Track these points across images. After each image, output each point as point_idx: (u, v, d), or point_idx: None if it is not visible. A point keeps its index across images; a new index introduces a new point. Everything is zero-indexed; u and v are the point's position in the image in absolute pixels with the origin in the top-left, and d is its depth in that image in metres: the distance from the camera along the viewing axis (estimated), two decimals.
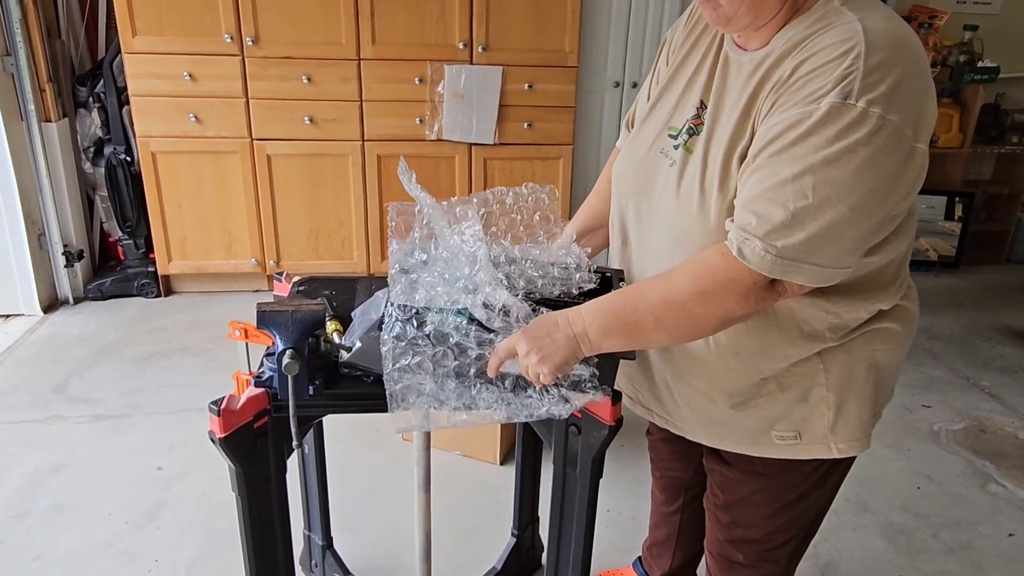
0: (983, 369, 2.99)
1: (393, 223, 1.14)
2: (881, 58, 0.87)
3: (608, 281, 1.13)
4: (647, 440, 1.58)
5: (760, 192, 0.90)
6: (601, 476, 1.20)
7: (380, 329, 1.04)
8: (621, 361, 1.09)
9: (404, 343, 1.01)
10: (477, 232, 1.09)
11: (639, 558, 1.77)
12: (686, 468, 1.49)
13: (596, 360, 1.05)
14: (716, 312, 0.95)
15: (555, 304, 1.07)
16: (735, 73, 1.02)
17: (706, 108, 1.04)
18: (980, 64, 3.70)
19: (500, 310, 1.02)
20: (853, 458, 1.18)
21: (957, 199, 3.93)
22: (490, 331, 1.03)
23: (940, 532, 2.06)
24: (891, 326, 1.09)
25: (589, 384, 1.06)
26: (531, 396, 1.04)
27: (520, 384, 1.04)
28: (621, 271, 1.17)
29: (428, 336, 1.01)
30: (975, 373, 2.95)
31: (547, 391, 1.04)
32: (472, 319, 1.03)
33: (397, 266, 1.12)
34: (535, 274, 1.10)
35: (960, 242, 3.96)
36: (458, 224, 1.12)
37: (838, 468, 1.19)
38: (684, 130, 1.06)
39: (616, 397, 1.11)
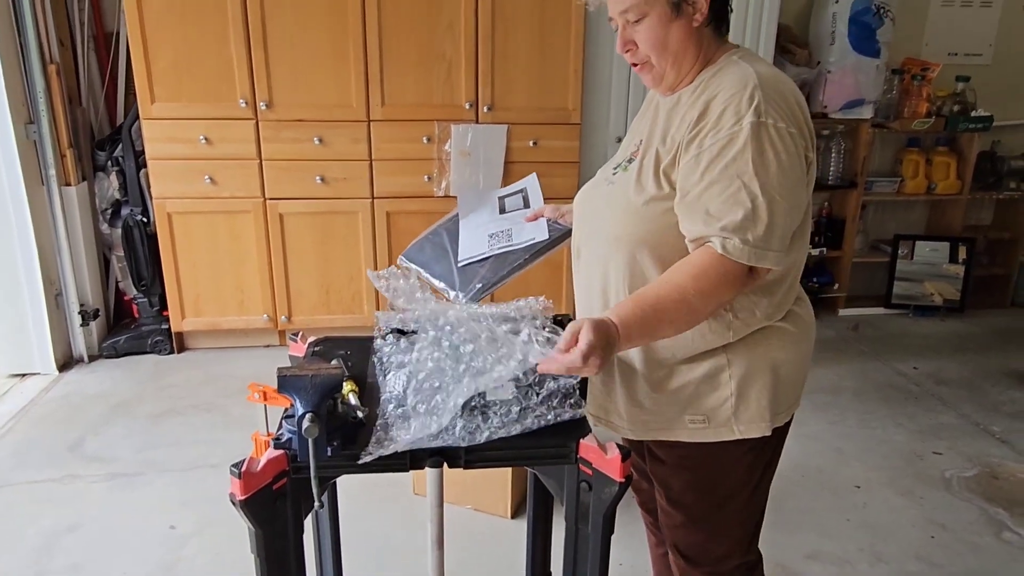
0: (992, 414, 2.99)
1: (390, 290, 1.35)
2: (772, 89, 1.15)
3: (561, 323, 1.30)
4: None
5: (724, 200, 1.12)
6: (613, 532, 1.22)
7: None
8: None
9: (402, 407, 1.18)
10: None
11: None
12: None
13: None
14: (713, 303, 1.16)
15: None
16: (663, 111, 1.27)
17: (642, 142, 1.29)
18: (974, 113, 3.78)
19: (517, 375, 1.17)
20: (772, 460, 1.36)
21: (959, 244, 3.98)
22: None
23: None
24: (784, 326, 1.28)
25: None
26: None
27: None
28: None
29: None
30: (985, 418, 2.95)
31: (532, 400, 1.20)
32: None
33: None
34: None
35: (964, 286, 3.99)
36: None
37: (758, 465, 1.33)
38: (625, 161, 1.31)
39: (626, 454, 1.14)
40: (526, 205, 1.66)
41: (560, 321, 1.36)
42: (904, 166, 3.96)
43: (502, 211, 1.66)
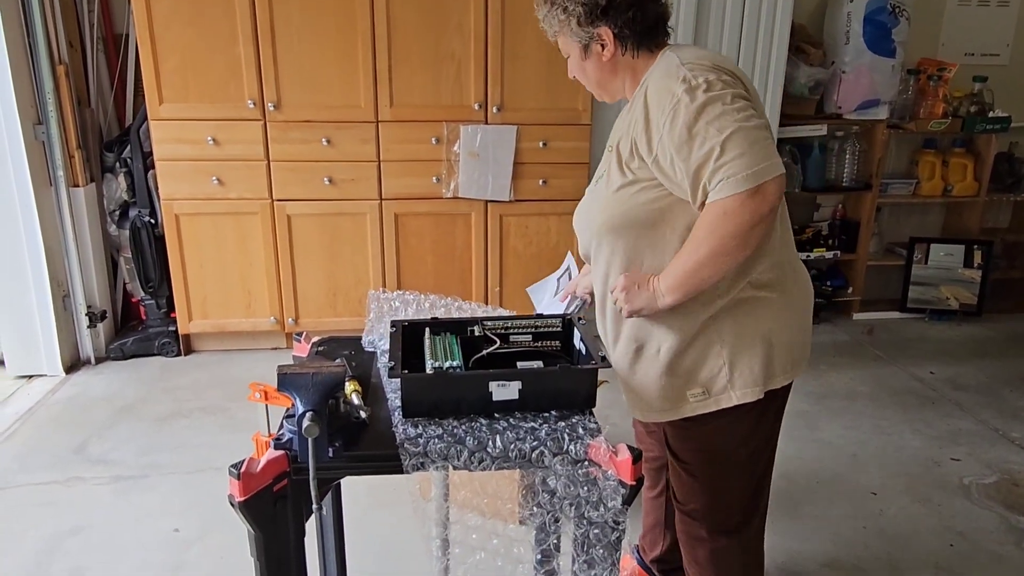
0: (1012, 420, 2.92)
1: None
2: (691, 60, 1.30)
3: (569, 322, 1.43)
4: (634, 432, 1.81)
5: (699, 161, 1.23)
6: (623, 536, 1.18)
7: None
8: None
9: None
10: None
11: (636, 546, 1.96)
12: (662, 450, 1.69)
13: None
14: (732, 238, 1.24)
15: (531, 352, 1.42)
16: (623, 120, 1.45)
17: (609, 149, 1.46)
18: (991, 114, 3.72)
19: None
20: (774, 425, 1.49)
21: (976, 247, 3.91)
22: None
23: None
24: (767, 295, 1.38)
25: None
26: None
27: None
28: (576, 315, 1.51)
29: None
30: (1004, 424, 2.88)
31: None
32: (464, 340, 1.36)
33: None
34: (510, 324, 1.43)
35: (981, 290, 3.92)
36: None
37: (758, 430, 1.45)
38: (599, 173, 1.48)
39: (637, 456, 1.10)
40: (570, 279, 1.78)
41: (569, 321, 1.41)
42: (920, 168, 3.90)
43: (556, 292, 1.79)
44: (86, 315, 3.23)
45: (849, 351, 3.56)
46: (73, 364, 3.24)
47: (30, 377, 3.14)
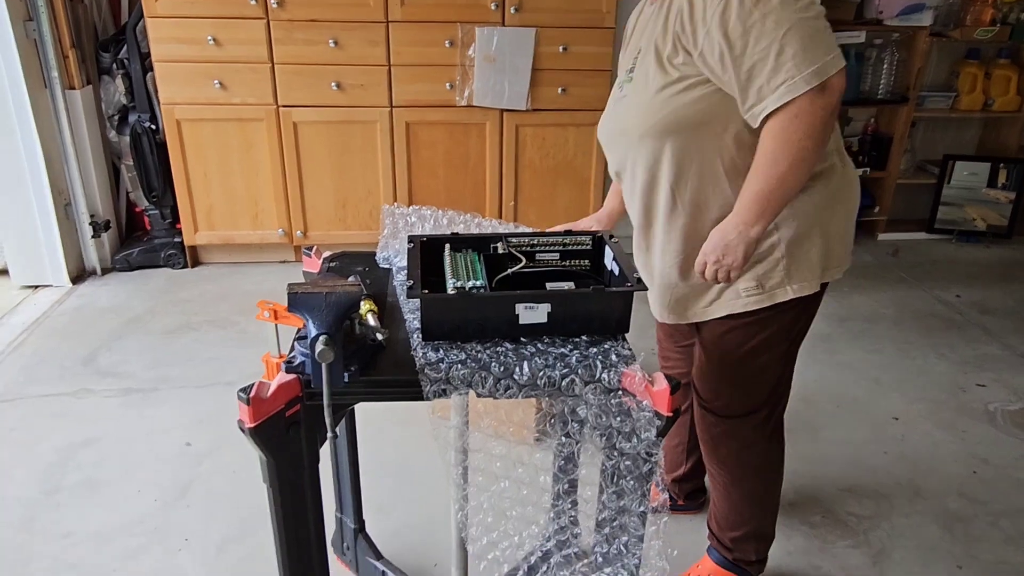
0: None
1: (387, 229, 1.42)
2: None
3: (600, 240, 1.32)
4: (657, 348, 1.77)
5: (754, 59, 1.14)
6: (656, 469, 1.12)
7: None
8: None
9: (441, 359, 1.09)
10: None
11: None
12: (689, 362, 1.68)
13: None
14: (812, 142, 1.17)
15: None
16: (651, 22, 1.32)
17: (640, 51, 1.34)
18: None
19: None
20: (808, 320, 1.42)
21: (1001, 165, 3.74)
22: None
23: (999, 520, 1.96)
24: (821, 183, 1.31)
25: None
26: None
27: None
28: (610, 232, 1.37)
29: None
30: None
31: None
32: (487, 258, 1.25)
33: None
34: (536, 241, 1.32)
35: (1013, 211, 3.77)
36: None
37: (797, 322, 1.39)
38: (627, 73, 1.37)
39: (675, 386, 1.02)
40: None
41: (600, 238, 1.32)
42: (961, 80, 3.68)
43: None
44: (89, 224, 3.14)
45: (873, 272, 3.46)
46: (79, 275, 3.17)
47: (35, 287, 3.09)
